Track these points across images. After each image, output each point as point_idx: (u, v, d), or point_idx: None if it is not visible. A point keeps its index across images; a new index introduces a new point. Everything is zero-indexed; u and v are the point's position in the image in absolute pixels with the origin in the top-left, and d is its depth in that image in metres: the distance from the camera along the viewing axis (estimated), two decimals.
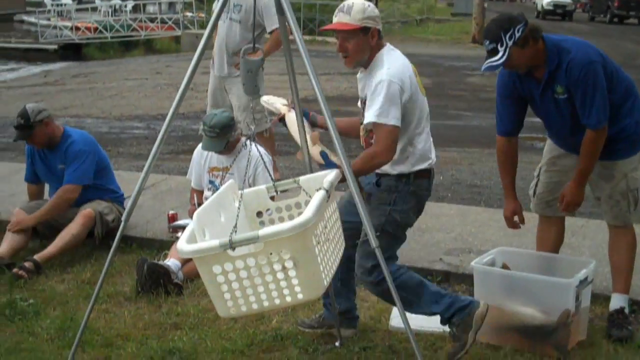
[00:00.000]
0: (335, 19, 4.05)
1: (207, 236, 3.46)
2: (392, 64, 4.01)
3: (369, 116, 3.93)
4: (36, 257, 5.55)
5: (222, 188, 3.83)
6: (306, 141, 4.04)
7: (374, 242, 3.49)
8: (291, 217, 3.84)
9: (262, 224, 3.90)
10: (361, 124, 4.18)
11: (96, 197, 6.06)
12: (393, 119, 3.90)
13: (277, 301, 3.32)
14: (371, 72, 4.06)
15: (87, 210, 5.87)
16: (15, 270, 5.40)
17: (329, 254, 3.48)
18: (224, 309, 3.36)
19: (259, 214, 3.92)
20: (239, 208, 3.62)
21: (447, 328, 4.25)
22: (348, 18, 3.98)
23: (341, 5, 4.05)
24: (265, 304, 3.33)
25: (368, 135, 4.12)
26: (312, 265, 3.24)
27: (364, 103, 4.11)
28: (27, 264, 5.46)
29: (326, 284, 3.39)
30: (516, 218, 4.77)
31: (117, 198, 6.24)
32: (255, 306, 3.34)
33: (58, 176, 6.00)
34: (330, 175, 3.67)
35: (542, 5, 45.38)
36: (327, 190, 3.47)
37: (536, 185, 4.85)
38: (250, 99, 4.59)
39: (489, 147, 10.61)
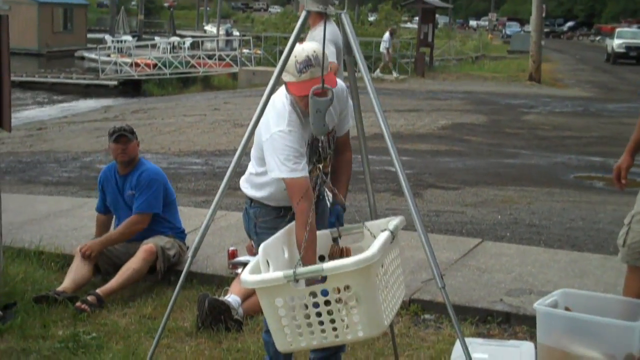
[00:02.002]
0: (308, 75, 3.63)
1: (271, 269, 3.50)
2: None
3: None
4: (98, 290, 5.63)
5: (287, 226, 3.85)
6: (368, 166, 4.01)
7: (439, 282, 3.48)
8: None
9: None
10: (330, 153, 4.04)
11: (160, 231, 6.15)
12: None
13: (338, 337, 3.33)
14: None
15: (148, 246, 5.94)
16: (78, 304, 5.47)
17: (390, 297, 3.49)
18: (283, 343, 3.38)
19: (322, 257, 3.86)
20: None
21: None
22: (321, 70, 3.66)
23: (305, 59, 3.63)
24: (325, 339, 3.34)
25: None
26: (373, 302, 3.26)
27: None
28: (89, 298, 5.54)
29: (387, 324, 3.40)
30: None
31: (178, 233, 6.32)
32: (314, 341, 3.36)
33: (126, 203, 6.12)
34: (395, 219, 3.71)
35: (612, 47, 40.27)
36: (392, 232, 3.49)
37: (626, 234, 4.47)
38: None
39: (547, 186, 10.55)
